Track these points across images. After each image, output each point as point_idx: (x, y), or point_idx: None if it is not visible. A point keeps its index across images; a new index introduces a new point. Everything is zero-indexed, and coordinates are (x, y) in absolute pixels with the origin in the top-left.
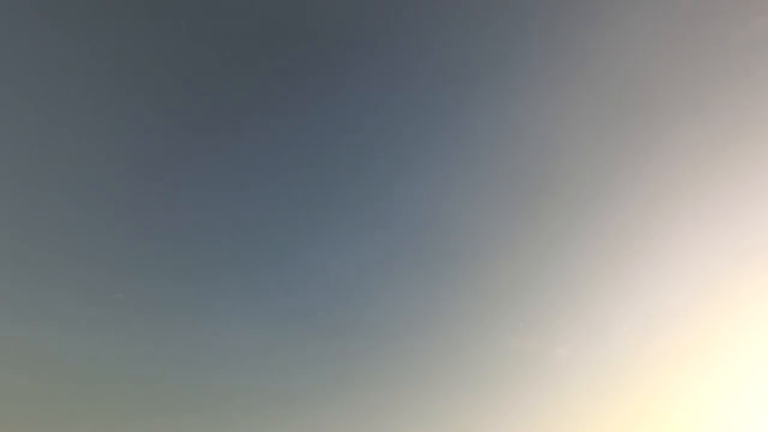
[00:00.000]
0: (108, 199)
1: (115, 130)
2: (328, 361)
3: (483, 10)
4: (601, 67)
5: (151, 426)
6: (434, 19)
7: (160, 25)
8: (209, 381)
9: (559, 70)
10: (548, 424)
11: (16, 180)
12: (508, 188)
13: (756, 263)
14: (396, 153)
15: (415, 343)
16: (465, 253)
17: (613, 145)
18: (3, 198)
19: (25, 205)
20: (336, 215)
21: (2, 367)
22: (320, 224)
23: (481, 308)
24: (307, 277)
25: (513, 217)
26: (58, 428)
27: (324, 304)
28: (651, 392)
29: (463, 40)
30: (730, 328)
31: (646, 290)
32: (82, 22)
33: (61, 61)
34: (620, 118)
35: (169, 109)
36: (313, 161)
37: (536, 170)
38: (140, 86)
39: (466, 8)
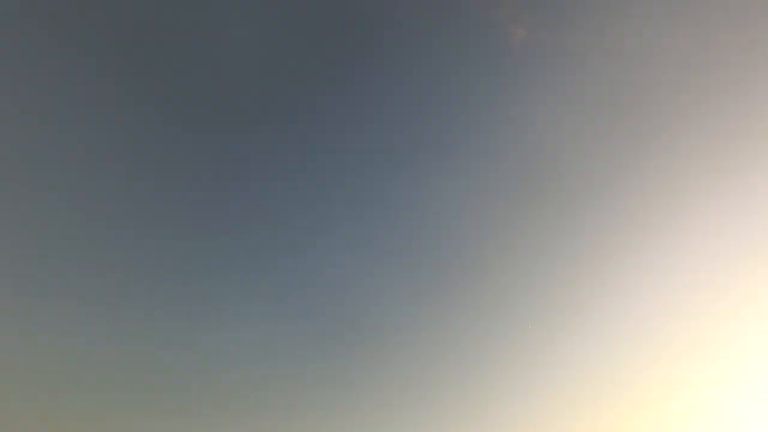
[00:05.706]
0: (107, 199)
1: (114, 129)
2: (328, 362)
3: (484, 9)
4: (602, 66)
5: (149, 426)
6: (436, 18)
7: (158, 24)
8: (208, 381)
9: (561, 70)
10: (547, 424)
11: (16, 179)
12: (507, 190)
13: (755, 263)
14: (397, 154)
15: (414, 342)
16: (464, 254)
17: (613, 145)
18: (3, 198)
19: (24, 204)
20: (337, 216)
21: (2, 367)
22: (320, 225)
23: (481, 308)
24: (308, 278)
25: (513, 218)
26: (56, 428)
27: (324, 305)
28: (651, 393)
29: (465, 38)
30: (730, 329)
31: (648, 291)
32: (82, 21)
33: (60, 60)
34: (621, 117)
35: (169, 107)
36: (315, 161)
37: (537, 171)
38: (140, 85)
39: (466, 7)
